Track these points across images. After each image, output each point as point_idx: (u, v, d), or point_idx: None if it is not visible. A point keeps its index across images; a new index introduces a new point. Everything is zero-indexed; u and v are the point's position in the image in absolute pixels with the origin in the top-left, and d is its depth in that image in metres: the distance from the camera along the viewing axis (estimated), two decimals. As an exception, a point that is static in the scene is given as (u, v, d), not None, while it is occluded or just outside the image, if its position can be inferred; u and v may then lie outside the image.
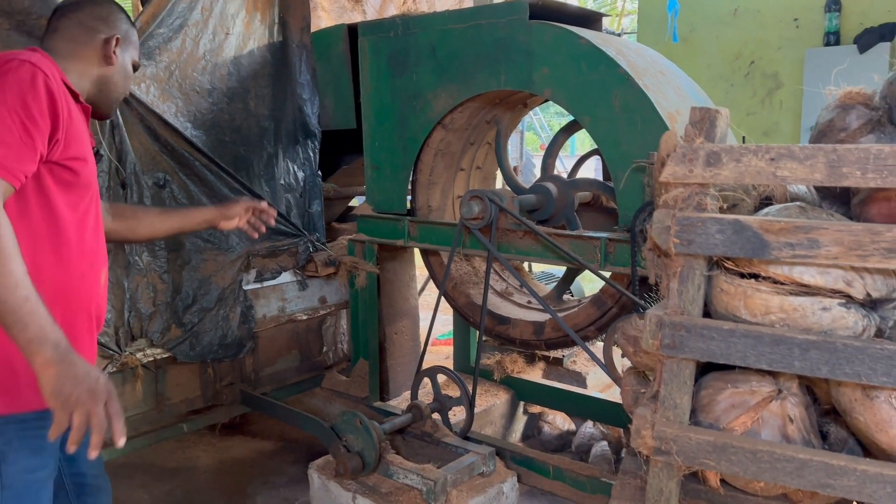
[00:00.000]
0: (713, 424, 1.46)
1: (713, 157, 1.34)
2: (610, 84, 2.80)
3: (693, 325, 1.39)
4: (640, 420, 1.46)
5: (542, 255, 3.02)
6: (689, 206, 1.38)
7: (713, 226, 1.35)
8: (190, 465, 3.99)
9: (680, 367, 1.43)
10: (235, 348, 3.36)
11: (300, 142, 3.74)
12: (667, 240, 1.38)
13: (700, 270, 1.40)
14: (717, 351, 1.38)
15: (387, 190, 3.49)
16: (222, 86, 3.38)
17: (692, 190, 1.37)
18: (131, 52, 1.98)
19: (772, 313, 1.37)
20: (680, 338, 1.40)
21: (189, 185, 3.20)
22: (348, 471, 2.84)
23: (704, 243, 1.36)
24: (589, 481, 2.98)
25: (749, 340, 1.36)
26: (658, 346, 1.41)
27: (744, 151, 1.33)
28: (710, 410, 1.47)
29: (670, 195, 1.39)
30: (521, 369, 3.93)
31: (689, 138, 1.37)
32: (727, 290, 1.41)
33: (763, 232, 1.32)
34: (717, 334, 1.38)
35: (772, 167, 1.31)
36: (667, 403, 1.46)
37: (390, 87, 3.40)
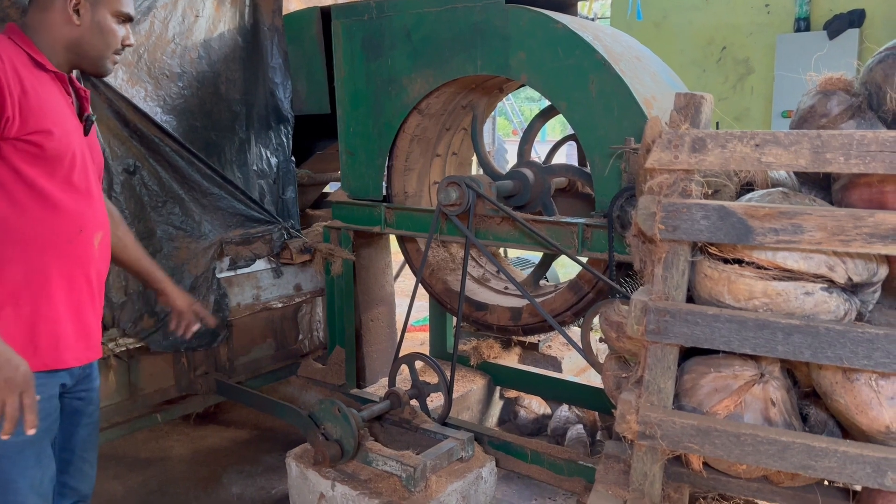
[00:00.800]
0: (696, 408, 1.48)
1: (698, 143, 1.34)
2: (586, 69, 2.80)
3: (678, 310, 1.40)
4: (624, 405, 1.47)
5: (520, 240, 3.02)
6: (674, 192, 1.38)
7: (698, 212, 1.35)
8: (164, 455, 3.94)
9: (664, 352, 1.44)
10: (209, 337, 3.32)
11: (273, 127, 3.68)
12: (652, 226, 1.38)
13: (684, 256, 1.40)
14: (701, 336, 1.39)
15: (362, 176, 3.46)
16: (192, 70, 3.30)
17: (677, 176, 1.37)
18: (105, 7, 1.93)
19: (755, 298, 1.38)
20: (665, 323, 1.40)
21: (159, 171, 3.13)
22: (327, 459, 2.82)
23: (689, 229, 1.37)
24: (566, 464, 3.00)
25: (733, 325, 1.37)
26: (643, 332, 1.42)
27: (729, 137, 1.33)
28: (694, 395, 1.48)
29: (655, 181, 1.39)
30: (498, 355, 3.94)
31: (675, 124, 1.37)
32: (711, 275, 1.42)
33: (748, 218, 1.33)
34: (701, 319, 1.38)
35: (757, 153, 1.32)
36: (651, 388, 1.47)
37: (364, 71, 3.36)
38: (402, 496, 2.73)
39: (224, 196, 3.34)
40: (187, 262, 3.23)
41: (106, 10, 1.94)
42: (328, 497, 2.88)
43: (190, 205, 3.24)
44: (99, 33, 1.92)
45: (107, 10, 1.94)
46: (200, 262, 3.27)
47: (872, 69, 1.47)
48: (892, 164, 1.23)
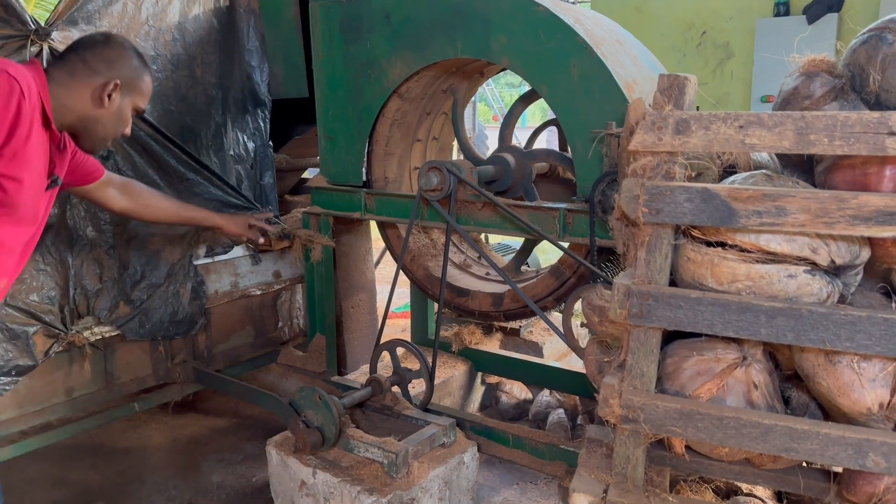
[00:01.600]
0: (679, 392, 1.47)
1: (682, 124, 1.33)
2: (568, 53, 2.78)
3: (661, 294, 1.39)
4: (607, 389, 1.46)
5: (501, 226, 3.01)
6: (657, 174, 1.37)
7: (682, 195, 1.34)
8: (142, 444, 3.91)
9: (647, 335, 1.43)
10: (187, 325, 3.27)
11: (249, 111, 3.63)
12: (635, 209, 1.37)
13: (668, 239, 1.40)
14: (684, 319, 1.39)
15: (342, 161, 3.42)
16: (167, 52, 3.24)
17: (661, 158, 1.36)
18: (134, 98, 2.02)
19: (738, 281, 1.38)
20: (648, 307, 1.40)
21: (134, 156, 3.07)
22: (308, 446, 2.80)
23: (673, 212, 1.36)
24: (547, 448, 3.01)
25: (716, 308, 1.36)
26: (626, 316, 1.41)
27: (713, 119, 1.32)
28: (676, 378, 1.48)
29: (639, 164, 1.38)
30: (479, 340, 3.94)
31: (658, 106, 1.36)
32: (694, 258, 1.41)
33: (731, 200, 1.32)
34: (684, 303, 1.38)
35: (740, 135, 1.31)
36: (633, 372, 1.46)
37: (343, 54, 3.31)
38: (384, 483, 2.72)
39: (200, 181, 3.29)
40: (163, 248, 3.18)
41: (131, 102, 2.01)
42: (309, 484, 2.86)
43: (165, 190, 3.18)
44: (116, 120, 1.98)
45: (133, 102, 2.02)
46: (176, 249, 3.22)
47: (855, 50, 1.47)
48: (876, 146, 1.23)
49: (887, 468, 1.31)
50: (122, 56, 1.99)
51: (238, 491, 3.44)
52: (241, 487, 3.48)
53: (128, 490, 3.45)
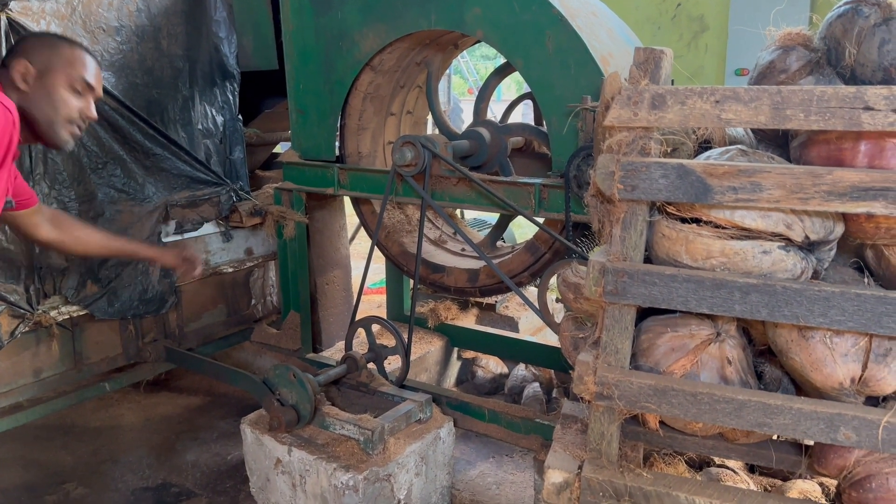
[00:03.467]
0: (653, 368, 1.48)
1: (658, 99, 1.31)
2: (543, 25, 2.74)
3: (635, 271, 1.38)
4: (582, 366, 1.46)
5: (477, 201, 2.99)
6: (633, 150, 1.35)
7: (657, 170, 1.33)
8: (114, 423, 3.87)
9: (621, 312, 1.43)
10: (157, 303, 3.22)
11: (218, 84, 3.55)
12: (611, 185, 1.36)
13: (643, 216, 1.39)
14: (658, 296, 1.38)
15: (314, 136, 3.37)
16: (131, 23, 3.14)
17: (636, 134, 1.34)
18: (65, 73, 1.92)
19: (713, 258, 1.38)
20: (623, 284, 1.39)
21: (99, 131, 2.99)
22: (283, 425, 2.79)
23: (648, 188, 1.34)
24: (523, 422, 3.03)
25: (690, 285, 1.36)
26: (601, 293, 1.40)
27: (688, 94, 1.31)
28: (651, 354, 1.48)
29: (614, 139, 1.36)
30: (455, 316, 3.94)
31: (634, 80, 1.34)
32: (669, 235, 1.40)
33: (706, 176, 1.31)
34: (659, 280, 1.37)
35: (716, 110, 1.30)
36: (608, 349, 1.46)
37: (314, 25, 3.24)
38: (361, 459, 2.72)
39: (168, 157, 3.22)
40: (131, 226, 3.12)
41: (63, 79, 1.91)
42: (285, 462, 2.85)
43: (132, 166, 3.12)
44: (50, 102, 1.89)
45: (67, 78, 1.92)
46: (145, 226, 3.16)
47: (832, 23, 1.46)
48: (852, 121, 1.22)
49: (857, 441, 1.32)
50: (31, 39, 1.96)
51: (213, 469, 3.43)
52: (216, 466, 3.46)
53: (100, 470, 3.42)
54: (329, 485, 2.69)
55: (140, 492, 3.24)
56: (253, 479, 3.00)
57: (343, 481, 2.64)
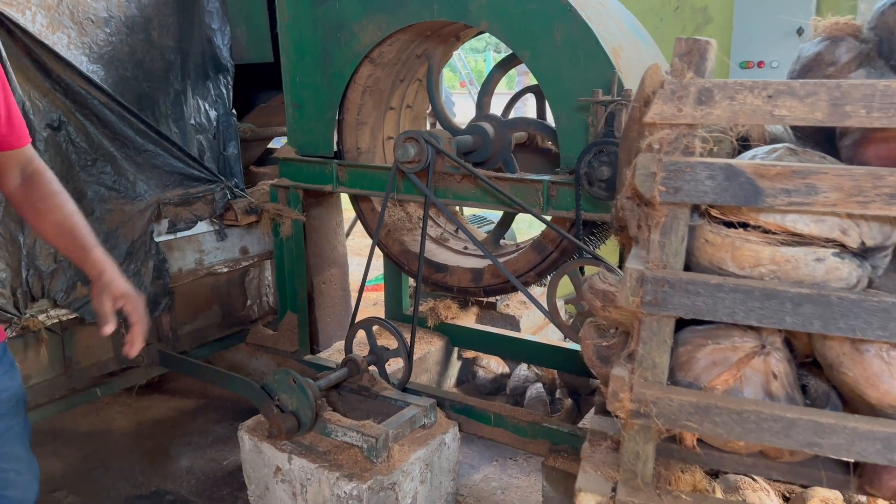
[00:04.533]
0: (693, 383, 1.36)
1: (705, 94, 1.20)
2: (551, 15, 2.62)
3: (677, 280, 1.27)
4: (617, 382, 1.34)
5: (482, 199, 2.86)
6: (675, 149, 1.23)
7: (703, 171, 1.21)
8: (105, 428, 3.73)
9: (660, 324, 1.32)
10: (150, 306, 3.07)
11: (211, 77, 3.40)
12: (651, 187, 1.24)
13: (685, 220, 1.27)
14: (703, 307, 1.27)
15: (311, 131, 3.23)
16: (120, 14, 2.99)
17: (680, 131, 1.23)
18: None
19: (762, 265, 1.26)
20: (663, 294, 1.27)
21: (88, 126, 2.84)
22: (283, 432, 2.66)
23: (693, 191, 1.23)
24: (529, 426, 2.92)
25: (738, 295, 1.25)
26: (639, 304, 1.29)
27: (738, 88, 1.19)
28: (690, 368, 1.37)
29: (655, 137, 1.24)
30: (455, 315, 3.82)
31: (678, 73, 1.22)
32: (713, 241, 1.29)
33: (757, 178, 1.20)
34: (703, 289, 1.26)
35: (769, 105, 1.18)
36: (645, 363, 1.34)
37: (311, 16, 3.10)
38: (364, 468, 2.60)
39: (160, 153, 3.07)
40: (122, 225, 2.97)
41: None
42: (285, 470, 2.73)
43: (123, 163, 2.96)
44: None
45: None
46: (136, 225, 3.01)
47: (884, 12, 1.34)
48: (919, 118, 1.11)
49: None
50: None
51: (208, 476, 3.30)
52: (212, 472, 3.33)
53: (92, 477, 3.28)
54: (332, 494, 2.57)
55: (133, 500, 3.11)
56: (251, 487, 2.87)
57: (346, 491, 2.52)
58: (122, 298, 1.81)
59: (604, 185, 2.51)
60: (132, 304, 1.82)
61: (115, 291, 1.81)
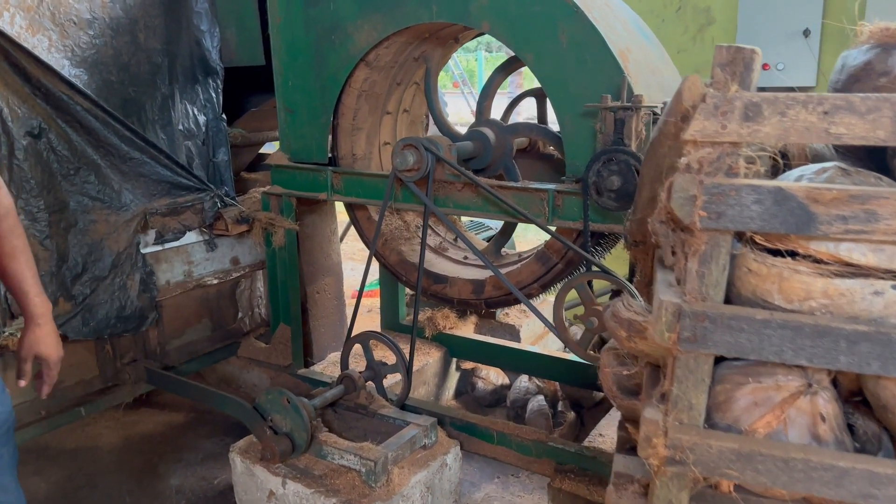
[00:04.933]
0: (732, 426, 1.23)
1: (752, 109, 1.06)
2: (556, 16, 2.49)
3: (718, 314, 1.13)
4: (650, 426, 1.21)
5: (483, 208, 2.72)
6: (718, 170, 1.10)
7: (749, 195, 1.08)
8: (91, 444, 3.56)
9: (698, 362, 1.18)
10: (136, 321, 2.92)
11: (199, 80, 3.23)
12: (691, 212, 1.10)
13: (726, 248, 1.13)
14: (747, 345, 1.13)
15: (304, 136, 3.07)
16: (104, 15, 2.82)
17: (723, 150, 1.09)
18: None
19: (812, 299, 1.13)
20: (703, 330, 1.14)
21: (70, 133, 2.68)
22: (276, 455, 2.51)
23: (737, 216, 1.09)
24: (534, 445, 2.79)
25: (786, 332, 1.11)
26: (675, 340, 1.15)
27: (790, 103, 1.05)
28: (728, 409, 1.23)
29: (694, 157, 1.10)
30: (454, 325, 3.67)
31: (720, 85, 1.08)
32: (758, 271, 1.15)
33: (810, 202, 1.06)
34: (747, 325, 1.12)
35: (824, 122, 1.05)
36: (680, 404, 1.21)
37: (304, 17, 2.95)
38: (362, 493, 2.46)
39: (146, 161, 2.90)
40: (107, 236, 2.81)
41: None
42: (279, 495, 2.58)
43: (107, 171, 2.80)
44: None
45: None
46: (122, 237, 2.85)
47: (943, 17, 1.22)
48: None
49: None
50: None
51: (199, 495, 3.14)
52: (203, 491, 3.17)
53: (77, 497, 3.12)
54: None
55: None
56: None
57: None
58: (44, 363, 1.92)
59: (613, 195, 2.37)
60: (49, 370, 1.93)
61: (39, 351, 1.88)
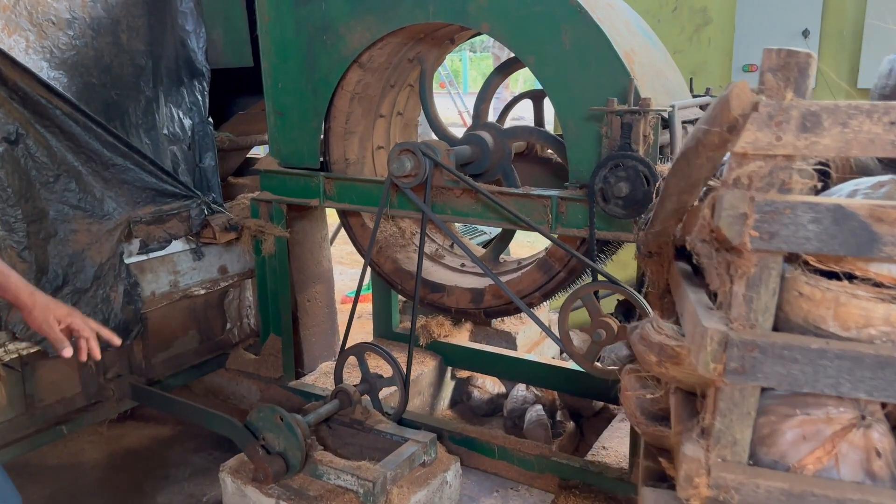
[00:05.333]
0: (778, 462, 1.12)
1: (811, 119, 0.95)
2: (558, 17, 2.37)
3: (769, 344, 1.02)
4: (691, 465, 1.10)
5: (482, 215, 2.61)
6: (770, 185, 0.99)
7: (805, 213, 0.97)
8: (74, 461, 3.39)
9: (744, 395, 1.07)
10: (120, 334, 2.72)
11: (185, 83, 3.08)
12: (741, 232, 0.99)
13: (777, 271, 1.03)
14: (800, 377, 1.03)
15: (295, 140, 2.94)
16: (85, 15, 2.66)
17: (776, 164, 0.98)
18: None
19: (872, 326, 1.02)
20: (752, 361, 1.03)
21: (49, 139, 2.51)
22: (270, 476, 2.38)
23: (792, 237, 0.98)
24: (536, 460, 2.69)
25: (844, 363, 1.01)
26: (721, 372, 1.04)
27: (853, 112, 0.95)
28: (774, 444, 1.13)
29: (744, 171, 0.99)
30: (448, 332, 3.55)
31: (773, 92, 0.97)
32: (811, 295, 1.04)
33: (873, 222, 0.96)
34: (801, 355, 1.02)
35: (891, 134, 0.94)
36: (723, 440, 1.10)
37: (294, 16, 2.81)
38: (360, 514, 2.34)
39: (130, 167, 2.75)
40: (89, 247, 2.65)
41: None
42: (272, 517, 2.45)
43: (89, 179, 2.64)
44: None
45: None
46: (105, 247, 2.70)
47: None
48: None
49: None
50: None
51: (187, 514, 3.00)
52: (191, 509, 3.03)
53: (59, 518, 2.97)
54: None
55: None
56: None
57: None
58: (68, 317, 1.82)
59: (621, 202, 2.26)
60: (80, 327, 1.84)
61: (57, 313, 1.80)
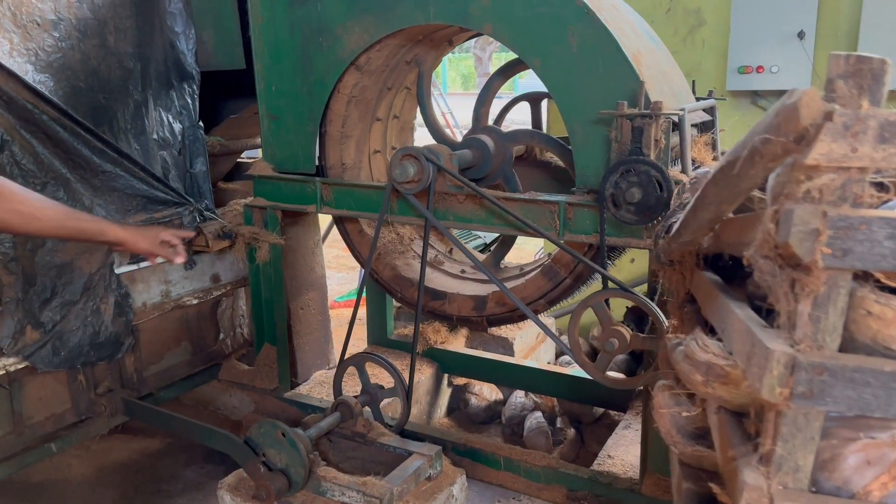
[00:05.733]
0: (841, 488, 1.06)
1: (889, 129, 0.88)
2: (565, 18, 2.30)
3: (839, 366, 0.95)
4: (753, 494, 1.03)
5: (486, 221, 2.52)
6: (843, 199, 0.92)
7: (882, 229, 0.90)
8: (61, 477, 3.26)
9: (808, 419, 1.00)
10: (111, 347, 2.63)
11: (174, 86, 2.95)
12: (812, 248, 0.92)
13: (846, 289, 0.96)
14: (872, 402, 0.96)
15: (290, 145, 2.83)
16: (71, 16, 2.53)
17: (850, 176, 0.91)
18: None
19: (948, 347, 0.96)
20: (821, 384, 0.96)
21: (35, 145, 2.38)
22: (272, 494, 2.27)
23: (867, 254, 0.91)
24: (543, 471, 2.62)
25: (920, 386, 0.94)
26: (788, 396, 0.98)
27: (936, 120, 0.88)
28: (836, 469, 1.06)
29: (815, 184, 0.92)
30: (445, 339, 3.47)
31: (847, 101, 0.90)
32: (880, 313, 0.98)
33: (954, 237, 0.90)
34: (874, 379, 0.95)
35: (977, 144, 0.88)
36: (785, 467, 1.03)
37: (288, 17, 2.71)
38: (367, 532, 2.24)
39: (119, 174, 2.62)
40: (77, 257, 2.52)
41: None
42: (274, 536, 2.35)
43: (77, 186, 2.52)
44: None
45: None
46: (94, 257, 2.57)
47: None
48: None
49: None
50: None
51: (181, 532, 2.88)
52: (185, 527, 2.91)
53: (46, 538, 2.84)
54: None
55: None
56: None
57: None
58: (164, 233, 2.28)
59: (633, 207, 2.19)
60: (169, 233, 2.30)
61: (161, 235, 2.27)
